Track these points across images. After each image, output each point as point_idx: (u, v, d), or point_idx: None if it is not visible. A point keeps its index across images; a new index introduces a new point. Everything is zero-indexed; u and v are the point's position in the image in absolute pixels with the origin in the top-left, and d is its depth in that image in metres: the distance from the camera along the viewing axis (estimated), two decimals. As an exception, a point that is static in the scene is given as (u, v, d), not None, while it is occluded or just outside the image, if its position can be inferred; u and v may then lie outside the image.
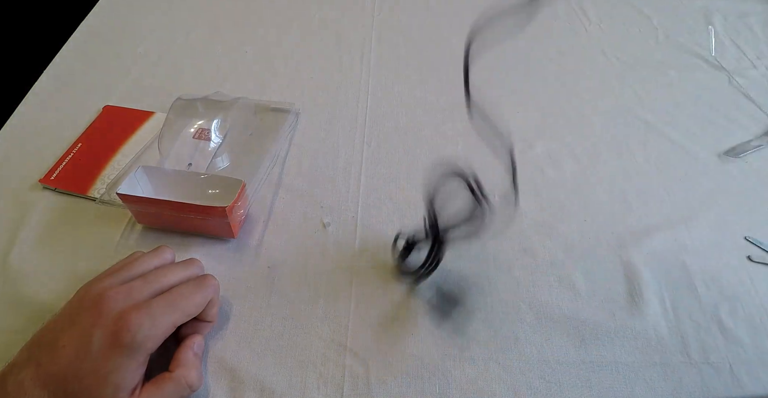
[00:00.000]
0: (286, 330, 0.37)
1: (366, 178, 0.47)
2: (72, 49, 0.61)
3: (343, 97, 0.56)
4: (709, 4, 0.73)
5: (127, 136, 0.49)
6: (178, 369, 0.32)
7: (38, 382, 0.28)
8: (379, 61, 0.61)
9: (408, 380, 0.35)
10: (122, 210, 0.43)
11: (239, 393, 0.34)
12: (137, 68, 0.58)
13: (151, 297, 0.32)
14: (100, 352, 0.29)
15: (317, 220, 0.44)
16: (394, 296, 0.39)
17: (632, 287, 0.40)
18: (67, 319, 0.31)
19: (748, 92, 0.59)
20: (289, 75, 0.58)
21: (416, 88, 0.57)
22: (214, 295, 0.35)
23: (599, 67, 0.61)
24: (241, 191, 0.39)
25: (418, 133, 0.52)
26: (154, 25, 0.65)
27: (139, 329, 0.29)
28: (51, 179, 0.45)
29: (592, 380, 0.35)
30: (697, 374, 0.36)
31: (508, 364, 0.36)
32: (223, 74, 0.58)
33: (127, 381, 0.29)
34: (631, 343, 0.37)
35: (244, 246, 0.42)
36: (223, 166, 0.46)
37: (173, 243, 0.41)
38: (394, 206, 0.45)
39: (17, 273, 0.39)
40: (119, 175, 0.46)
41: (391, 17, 0.68)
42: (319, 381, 0.35)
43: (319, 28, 0.65)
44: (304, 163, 0.49)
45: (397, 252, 0.39)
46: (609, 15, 0.70)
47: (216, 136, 0.47)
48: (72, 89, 0.56)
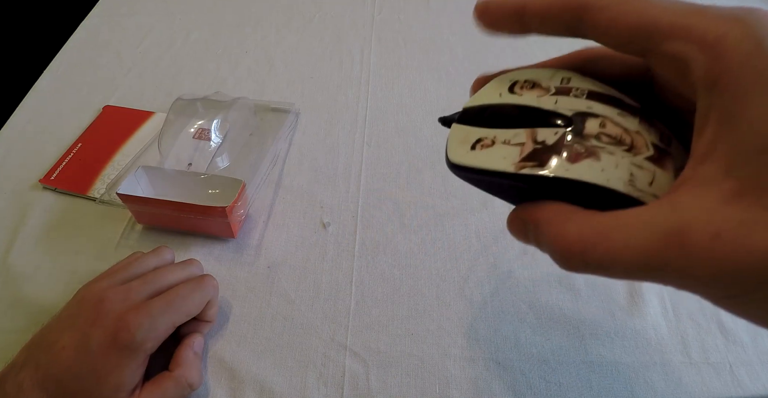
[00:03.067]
0: (286, 330, 0.37)
1: (366, 178, 0.47)
2: (72, 49, 0.61)
3: (343, 97, 0.56)
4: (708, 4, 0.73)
5: (127, 136, 0.49)
6: (178, 369, 0.32)
7: (37, 383, 0.28)
8: (379, 61, 0.61)
9: (408, 380, 0.35)
10: (122, 210, 0.43)
11: (239, 393, 0.34)
12: (137, 68, 0.58)
13: (150, 297, 0.32)
14: (100, 353, 0.29)
15: (317, 220, 0.44)
16: (394, 296, 0.39)
17: (632, 287, 0.40)
18: (67, 320, 0.31)
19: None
20: (289, 75, 0.58)
21: (416, 88, 0.57)
22: (214, 295, 0.35)
23: (599, 67, 0.61)
24: (241, 191, 0.39)
25: (418, 133, 0.52)
26: (154, 25, 0.65)
27: (139, 329, 0.29)
28: (51, 179, 0.45)
29: (592, 380, 0.35)
30: (697, 374, 0.36)
31: (508, 364, 0.36)
32: (223, 74, 0.58)
33: (127, 381, 0.29)
34: (631, 343, 0.37)
35: (244, 246, 0.42)
36: (223, 166, 0.46)
37: (173, 243, 0.41)
38: (394, 206, 0.45)
39: (17, 273, 0.39)
40: (119, 175, 0.46)
41: (391, 17, 0.68)
42: (319, 381, 0.35)
43: (319, 28, 0.65)
44: (304, 163, 0.49)
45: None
46: (609, 15, 0.70)
47: (216, 136, 0.47)
48: (72, 89, 0.56)
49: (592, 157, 0.16)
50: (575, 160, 0.16)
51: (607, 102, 0.18)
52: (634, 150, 0.17)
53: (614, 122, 0.17)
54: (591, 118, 0.17)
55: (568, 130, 0.17)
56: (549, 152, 0.17)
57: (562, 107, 0.18)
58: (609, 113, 0.17)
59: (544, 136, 0.17)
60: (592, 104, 0.18)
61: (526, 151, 0.17)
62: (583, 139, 0.17)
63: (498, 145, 0.18)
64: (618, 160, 0.16)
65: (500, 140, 0.18)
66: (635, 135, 0.17)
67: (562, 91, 0.18)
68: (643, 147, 0.17)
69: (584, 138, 0.17)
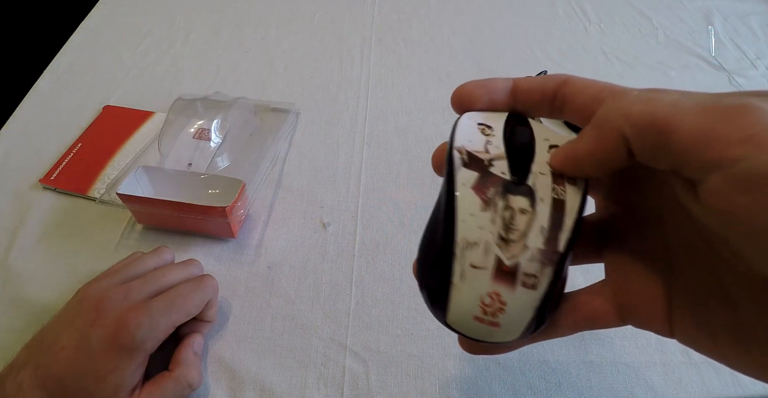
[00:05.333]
0: (286, 330, 0.37)
1: (366, 178, 0.47)
2: (72, 49, 0.61)
3: (343, 97, 0.56)
4: (709, 4, 0.73)
5: (127, 136, 0.49)
6: (177, 369, 0.32)
7: (37, 383, 0.28)
8: (379, 61, 0.61)
9: (408, 380, 0.35)
10: (122, 210, 0.43)
11: (239, 393, 0.34)
12: (137, 68, 0.58)
13: (150, 297, 0.32)
14: (100, 353, 0.29)
15: (317, 220, 0.44)
16: (394, 296, 0.39)
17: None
18: (66, 320, 0.31)
19: (748, 92, 0.59)
20: (289, 75, 0.58)
21: (416, 88, 0.57)
22: (214, 295, 0.35)
23: (599, 67, 0.61)
24: (241, 191, 0.39)
25: (418, 133, 0.52)
26: (154, 25, 0.65)
27: (138, 329, 0.29)
28: (51, 179, 0.45)
29: (592, 380, 0.35)
30: (697, 374, 0.36)
31: (508, 364, 0.36)
32: (223, 74, 0.58)
33: (127, 382, 0.29)
34: (631, 343, 0.37)
35: (244, 246, 0.42)
36: (223, 166, 0.46)
37: (173, 243, 0.41)
38: (394, 206, 0.45)
39: (17, 273, 0.39)
40: (119, 175, 0.46)
41: (391, 17, 0.68)
42: (319, 381, 0.35)
43: (319, 28, 0.65)
44: (304, 163, 0.49)
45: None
46: (609, 15, 0.70)
47: (216, 136, 0.47)
48: (72, 89, 0.56)
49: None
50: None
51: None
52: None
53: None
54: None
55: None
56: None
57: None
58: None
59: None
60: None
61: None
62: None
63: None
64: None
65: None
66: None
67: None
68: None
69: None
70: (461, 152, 0.18)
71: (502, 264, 0.16)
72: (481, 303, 0.17)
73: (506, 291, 0.17)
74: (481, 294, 0.17)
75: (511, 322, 0.17)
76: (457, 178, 0.18)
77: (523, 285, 0.17)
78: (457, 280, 0.17)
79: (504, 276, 0.16)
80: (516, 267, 0.16)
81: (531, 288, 0.17)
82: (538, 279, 0.17)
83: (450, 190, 0.18)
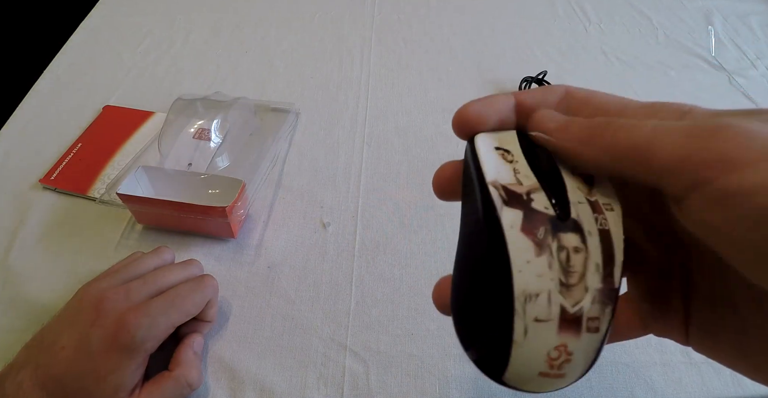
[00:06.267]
0: (286, 330, 0.37)
1: (366, 178, 0.47)
2: (72, 49, 0.61)
3: (343, 97, 0.56)
4: (709, 4, 0.73)
5: (127, 136, 0.49)
6: (177, 369, 0.32)
7: (37, 383, 0.28)
8: (379, 61, 0.61)
9: (408, 380, 0.35)
10: (122, 210, 0.43)
11: (239, 393, 0.34)
12: (137, 68, 0.58)
13: (150, 297, 0.32)
14: (100, 353, 0.29)
15: (317, 220, 0.44)
16: (394, 296, 0.39)
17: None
18: (66, 320, 0.31)
19: (748, 92, 0.59)
20: (289, 75, 0.58)
21: (416, 88, 0.57)
22: (213, 295, 0.35)
23: (599, 67, 0.61)
24: (241, 191, 0.39)
25: (418, 133, 0.52)
26: (154, 25, 0.65)
27: (138, 329, 0.29)
28: (51, 179, 0.45)
29: (592, 380, 0.35)
30: (697, 374, 0.36)
31: (508, 364, 0.36)
32: (223, 74, 0.58)
33: (127, 382, 0.29)
34: (631, 343, 0.37)
35: (244, 246, 0.42)
36: (223, 166, 0.46)
37: (173, 243, 0.41)
38: (394, 206, 0.45)
39: (17, 273, 0.39)
40: (119, 175, 0.46)
41: (391, 17, 0.68)
42: (319, 381, 0.35)
43: (319, 28, 0.65)
44: (304, 163, 0.49)
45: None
46: (609, 15, 0.70)
47: (216, 136, 0.47)
48: (72, 89, 0.56)
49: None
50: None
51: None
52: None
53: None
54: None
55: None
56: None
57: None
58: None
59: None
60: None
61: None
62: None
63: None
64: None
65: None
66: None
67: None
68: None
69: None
70: (497, 188, 0.16)
71: (566, 313, 0.15)
72: (548, 358, 0.15)
73: (572, 340, 0.15)
74: (548, 349, 0.15)
75: (574, 369, 0.16)
76: (503, 221, 0.15)
77: (587, 331, 0.15)
78: (520, 338, 0.15)
79: (569, 325, 0.15)
80: (580, 313, 0.15)
81: (594, 331, 0.15)
82: (600, 321, 0.15)
83: (497, 234, 0.15)
